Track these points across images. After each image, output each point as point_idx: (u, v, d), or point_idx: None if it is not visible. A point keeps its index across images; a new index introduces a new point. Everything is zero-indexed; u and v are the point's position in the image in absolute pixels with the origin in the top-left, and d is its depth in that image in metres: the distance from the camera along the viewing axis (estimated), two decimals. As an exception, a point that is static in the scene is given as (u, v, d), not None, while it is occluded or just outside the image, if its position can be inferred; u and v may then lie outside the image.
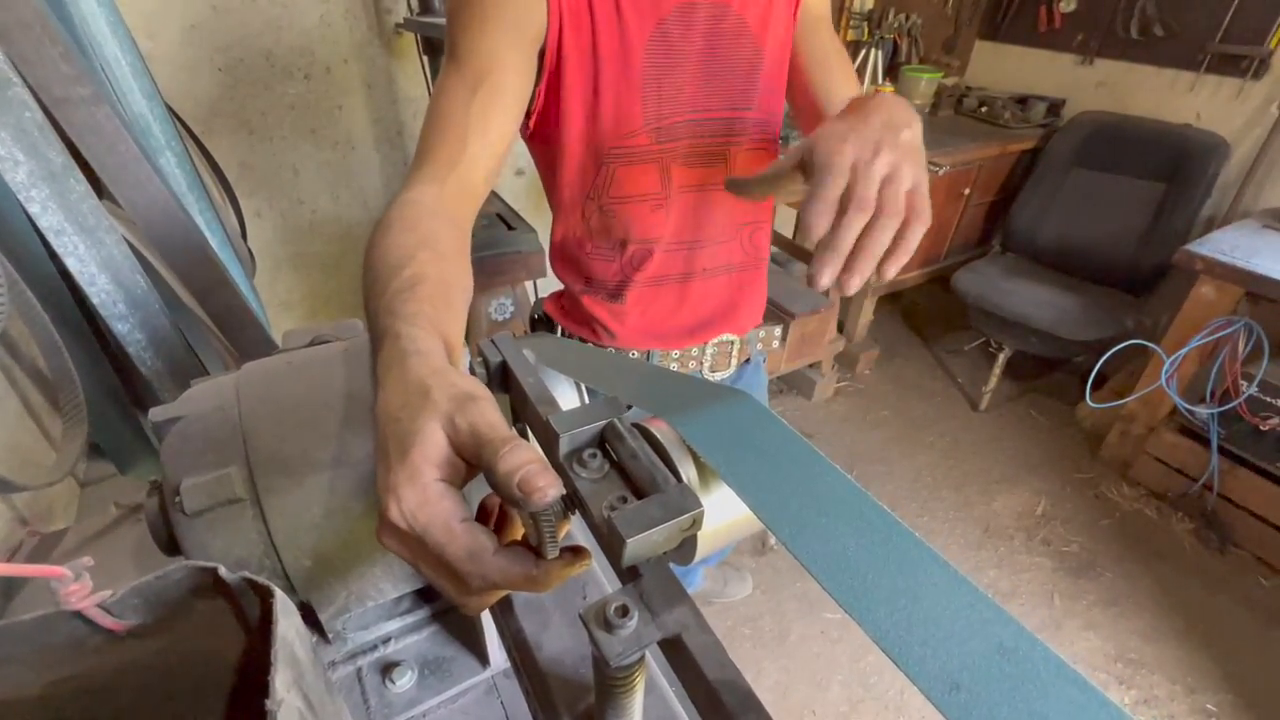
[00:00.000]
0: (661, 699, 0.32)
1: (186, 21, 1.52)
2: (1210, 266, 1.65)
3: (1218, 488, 1.81)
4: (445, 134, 0.57)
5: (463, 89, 0.59)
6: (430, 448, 0.27)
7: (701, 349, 0.85)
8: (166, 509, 0.43)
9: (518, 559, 0.26)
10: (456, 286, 0.44)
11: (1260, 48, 1.88)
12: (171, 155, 1.06)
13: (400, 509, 0.27)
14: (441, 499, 0.27)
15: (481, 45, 0.60)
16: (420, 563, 0.28)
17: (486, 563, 0.26)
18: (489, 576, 0.26)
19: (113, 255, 0.70)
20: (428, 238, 0.46)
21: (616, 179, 0.71)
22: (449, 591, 0.28)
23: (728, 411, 0.30)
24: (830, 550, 0.23)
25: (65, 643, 0.28)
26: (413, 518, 0.26)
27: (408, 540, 0.27)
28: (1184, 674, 1.55)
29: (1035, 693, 0.19)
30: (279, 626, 0.25)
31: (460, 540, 0.26)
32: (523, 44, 0.61)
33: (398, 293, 0.38)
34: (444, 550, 0.26)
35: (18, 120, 0.60)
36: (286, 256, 1.92)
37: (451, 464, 0.28)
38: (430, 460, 0.27)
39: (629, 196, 0.72)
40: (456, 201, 0.56)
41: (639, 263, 0.76)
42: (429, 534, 0.26)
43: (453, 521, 0.26)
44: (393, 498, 0.27)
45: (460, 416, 0.28)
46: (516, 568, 0.26)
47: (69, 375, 0.70)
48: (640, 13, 0.64)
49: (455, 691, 0.51)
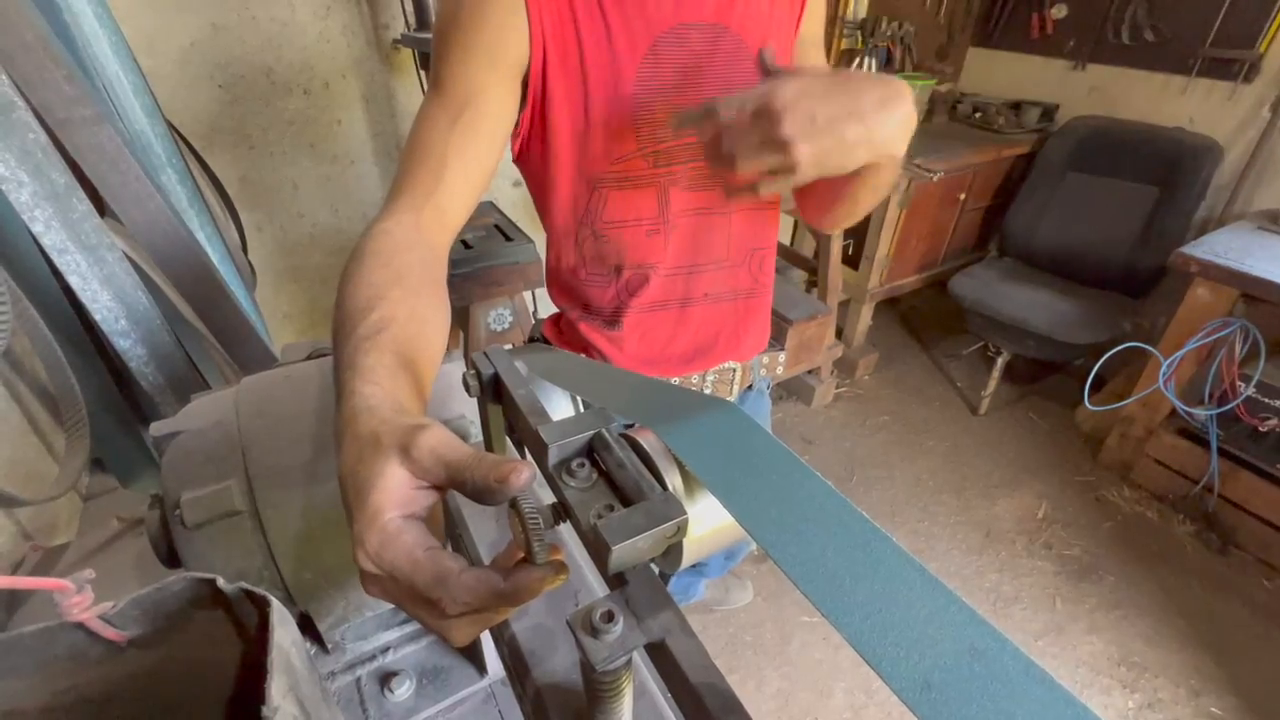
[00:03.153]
0: (652, 704, 0.32)
1: (187, 40, 1.54)
2: (1205, 269, 1.65)
3: (1218, 489, 1.81)
4: (424, 163, 0.58)
5: (443, 117, 0.59)
6: (388, 488, 0.28)
7: (702, 376, 0.84)
8: (167, 522, 0.44)
9: (485, 576, 0.27)
10: (429, 321, 0.44)
11: (1250, 51, 1.89)
12: (172, 172, 1.08)
13: (366, 553, 0.27)
14: (401, 534, 0.28)
15: (462, 73, 0.60)
16: (401, 601, 0.28)
17: (453, 585, 0.26)
18: (459, 597, 0.26)
19: (114, 272, 0.71)
20: (402, 272, 0.46)
21: (610, 203, 0.70)
22: (433, 625, 0.28)
23: (713, 422, 0.31)
24: (809, 556, 0.24)
25: (67, 654, 0.28)
26: (378, 559, 0.27)
27: (384, 583, 0.28)
28: (1188, 677, 1.54)
29: (1004, 691, 0.19)
30: (275, 635, 0.26)
31: (425, 569, 0.27)
32: (504, 71, 0.61)
33: (361, 340, 0.38)
34: (413, 581, 0.27)
35: (22, 142, 0.62)
36: (287, 269, 1.94)
37: (412, 498, 0.29)
38: (390, 500, 0.28)
39: (624, 221, 0.71)
40: (433, 230, 0.56)
41: (635, 289, 0.75)
42: (396, 569, 0.27)
43: (416, 552, 0.27)
44: (359, 545, 0.28)
45: (414, 448, 0.29)
46: (484, 585, 0.27)
47: (72, 390, 0.71)
48: (631, 36, 0.64)
49: (453, 700, 0.52)
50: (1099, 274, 2.20)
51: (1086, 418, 2.25)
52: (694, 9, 0.65)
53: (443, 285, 0.52)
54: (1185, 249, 1.70)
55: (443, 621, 0.28)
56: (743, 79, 0.69)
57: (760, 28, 0.69)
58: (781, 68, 0.52)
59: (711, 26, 0.66)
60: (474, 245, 1.57)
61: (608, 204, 0.70)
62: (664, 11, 0.64)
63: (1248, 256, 1.64)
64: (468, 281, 1.52)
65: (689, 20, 0.65)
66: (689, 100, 0.68)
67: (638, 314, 0.77)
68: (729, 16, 0.67)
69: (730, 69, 0.68)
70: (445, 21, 0.62)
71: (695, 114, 0.52)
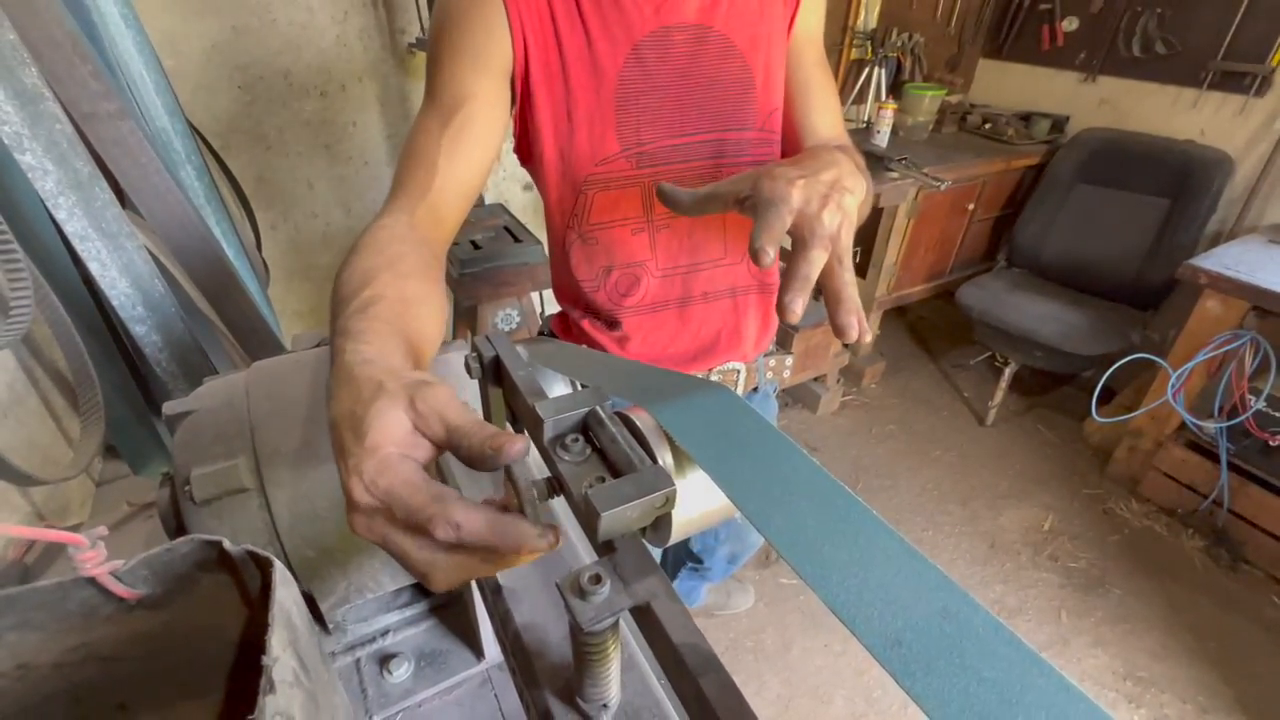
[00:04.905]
0: (641, 679, 0.33)
1: (208, 41, 1.58)
2: (1215, 281, 1.65)
3: (1228, 504, 1.79)
4: (418, 167, 0.60)
5: (435, 123, 0.61)
6: (388, 426, 0.29)
7: (706, 376, 0.84)
8: (177, 498, 0.46)
9: (483, 508, 0.27)
10: (422, 303, 0.46)
11: (1262, 65, 1.89)
12: (191, 169, 1.11)
13: (362, 481, 0.27)
14: (401, 462, 0.28)
15: (452, 79, 0.62)
16: (388, 534, 0.28)
17: (451, 505, 0.26)
18: (453, 517, 0.26)
19: (133, 261, 0.73)
20: (393, 260, 0.48)
21: (595, 206, 0.71)
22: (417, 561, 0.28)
23: (704, 402, 0.32)
24: (791, 524, 0.25)
25: (79, 610, 0.30)
26: (373, 484, 0.27)
27: (374, 513, 0.28)
28: (1195, 693, 1.52)
29: (971, 649, 0.20)
30: (277, 593, 0.27)
31: (422, 489, 0.27)
32: (491, 75, 0.63)
33: (353, 314, 0.40)
34: (408, 502, 0.27)
35: (49, 132, 0.64)
36: (300, 267, 1.97)
37: (414, 443, 0.29)
38: (389, 437, 0.28)
39: (609, 222, 0.72)
40: (426, 227, 0.57)
41: (625, 289, 0.75)
42: (392, 493, 0.27)
43: (414, 477, 0.27)
44: (354, 475, 0.28)
45: (420, 400, 0.29)
46: (480, 513, 0.27)
47: (89, 376, 0.73)
48: (612, 39, 0.64)
49: (450, 683, 0.53)
50: (1108, 285, 2.19)
51: (1094, 430, 2.23)
52: (676, 11, 0.65)
53: (437, 275, 0.53)
54: (1195, 261, 1.69)
55: (428, 555, 0.27)
56: (732, 79, 0.69)
57: (748, 26, 0.68)
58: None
59: (695, 28, 0.66)
60: (483, 246, 1.59)
61: (594, 206, 0.71)
62: (644, 14, 0.65)
63: (1258, 269, 1.63)
64: (476, 281, 1.54)
65: (671, 22, 0.66)
66: (675, 103, 0.68)
67: (637, 315, 0.77)
68: (713, 17, 0.67)
69: (717, 70, 0.68)
70: (435, 31, 0.64)
71: (686, 199, 0.55)
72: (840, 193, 0.46)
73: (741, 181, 0.50)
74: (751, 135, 0.72)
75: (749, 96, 0.71)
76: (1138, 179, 2.14)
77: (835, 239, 0.45)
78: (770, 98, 0.72)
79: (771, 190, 0.46)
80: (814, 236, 0.44)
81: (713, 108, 0.70)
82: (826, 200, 0.45)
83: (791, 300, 0.43)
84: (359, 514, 0.28)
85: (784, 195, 0.45)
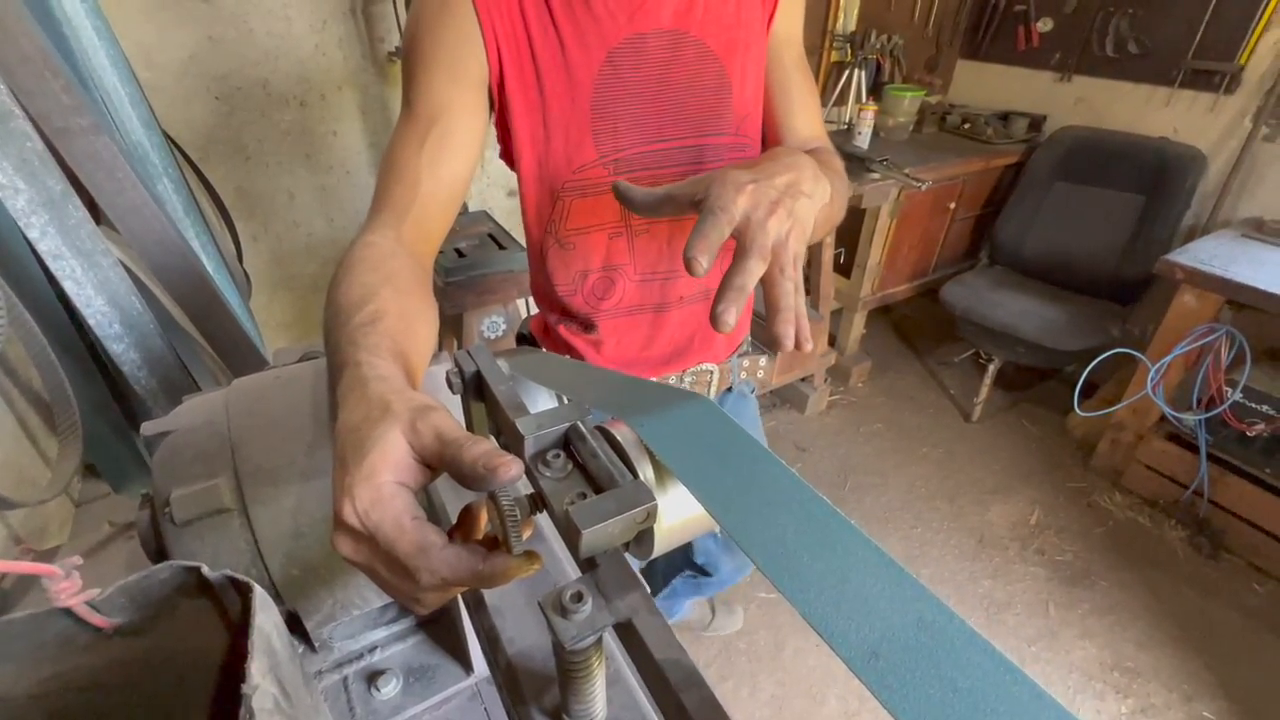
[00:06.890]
0: (628, 693, 0.33)
1: (185, 52, 1.56)
2: (1191, 275, 1.68)
3: (1208, 494, 1.82)
4: (399, 181, 0.59)
5: (414, 135, 0.61)
6: (390, 452, 0.29)
7: (679, 378, 0.84)
8: (157, 520, 0.45)
9: (465, 554, 0.28)
10: (419, 319, 0.46)
11: (1231, 64, 1.93)
12: (168, 181, 1.09)
13: (354, 507, 0.28)
14: (394, 498, 0.28)
15: (427, 91, 0.61)
16: (373, 564, 0.29)
17: (434, 556, 0.27)
18: (437, 570, 0.27)
19: (109, 278, 0.72)
20: (390, 275, 0.48)
21: (572, 212, 0.71)
22: (399, 592, 0.29)
23: (685, 414, 0.32)
24: (770, 537, 0.25)
25: (55, 640, 0.29)
26: (365, 516, 0.28)
27: (360, 540, 0.29)
28: (1180, 682, 1.55)
29: (948, 660, 0.20)
30: (257, 619, 0.27)
31: (410, 535, 0.27)
32: (467, 85, 0.63)
33: (360, 326, 0.40)
34: (394, 546, 0.27)
35: (19, 150, 0.63)
36: (282, 278, 1.95)
37: (409, 468, 0.30)
38: (388, 463, 0.29)
39: (586, 228, 0.72)
40: (414, 241, 0.57)
41: (602, 292, 0.76)
42: (380, 530, 0.28)
43: (404, 518, 0.28)
44: (347, 498, 0.28)
45: (421, 423, 0.30)
46: (463, 562, 0.27)
47: (65, 395, 0.72)
48: (586, 47, 0.64)
49: (439, 699, 0.52)
50: (1088, 281, 2.22)
51: (1078, 424, 2.26)
52: (650, 17, 0.65)
53: (429, 290, 0.53)
54: (1171, 256, 1.72)
55: (413, 591, 0.28)
56: (708, 84, 0.69)
57: (725, 30, 0.68)
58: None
59: (670, 33, 0.66)
60: (468, 254, 1.59)
61: (571, 212, 0.71)
62: (618, 21, 0.64)
63: (1232, 263, 1.66)
64: (461, 289, 1.53)
65: (646, 29, 0.65)
66: (652, 109, 0.68)
67: (612, 318, 0.78)
68: (688, 22, 0.67)
69: (693, 75, 0.68)
70: (408, 41, 0.63)
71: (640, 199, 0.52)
72: (793, 198, 0.44)
73: (698, 184, 0.48)
74: (730, 140, 0.72)
75: (725, 100, 0.71)
76: (1114, 176, 2.18)
77: (781, 246, 0.43)
78: (747, 103, 0.72)
79: (717, 196, 0.44)
80: (753, 245, 0.43)
81: (690, 113, 0.70)
82: (775, 207, 0.43)
83: (723, 310, 0.42)
84: (344, 534, 0.29)
85: (726, 203, 0.43)
